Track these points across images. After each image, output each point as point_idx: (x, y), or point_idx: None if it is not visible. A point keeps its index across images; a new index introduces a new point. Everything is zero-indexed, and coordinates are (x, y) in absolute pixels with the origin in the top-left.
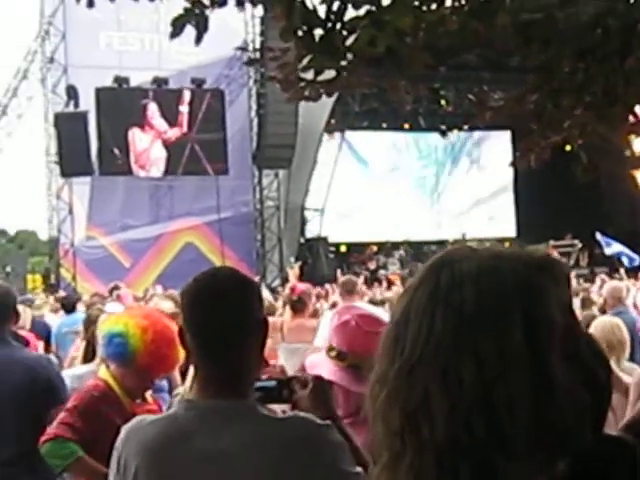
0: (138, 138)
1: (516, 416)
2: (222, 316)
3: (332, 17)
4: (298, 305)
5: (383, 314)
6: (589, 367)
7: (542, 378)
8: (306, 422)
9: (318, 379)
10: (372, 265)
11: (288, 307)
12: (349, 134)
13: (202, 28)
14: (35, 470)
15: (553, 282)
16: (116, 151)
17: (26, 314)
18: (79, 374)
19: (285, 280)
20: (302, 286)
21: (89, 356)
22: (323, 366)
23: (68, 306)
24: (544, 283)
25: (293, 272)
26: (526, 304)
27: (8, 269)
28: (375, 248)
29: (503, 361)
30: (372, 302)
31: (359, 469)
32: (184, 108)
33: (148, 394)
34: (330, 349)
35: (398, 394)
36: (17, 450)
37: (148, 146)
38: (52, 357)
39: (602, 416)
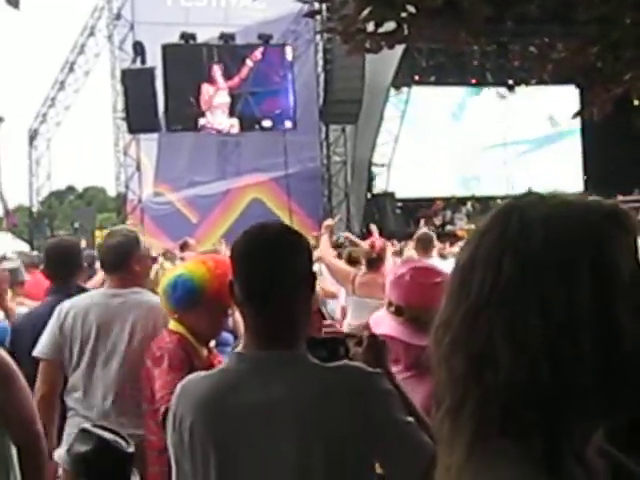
0: (205, 90)
1: (581, 363)
2: (268, 267)
3: None
4: (375, 261)
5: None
6: None
7: (608, 326)
8: (356, 370)
9: (372, 337)
10: (438, 221)
11: (364, 262)
12: (416, 89)
13: None
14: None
15: (622, 231)
16: (192, 99)
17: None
18: None
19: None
20: (381, 242)
21: None
22: (384, 322)
23: None
24: (613, 231)
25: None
26: (594, 251)
27: (76, 225)
28: (441, 203)
29: (569, 308)
30: (442, 256)
31: (411, 418)
32: (250, 62)
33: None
34: (389, 305)
35: (462, 339)
36: None
37: (213, 94)
38: None
39: None
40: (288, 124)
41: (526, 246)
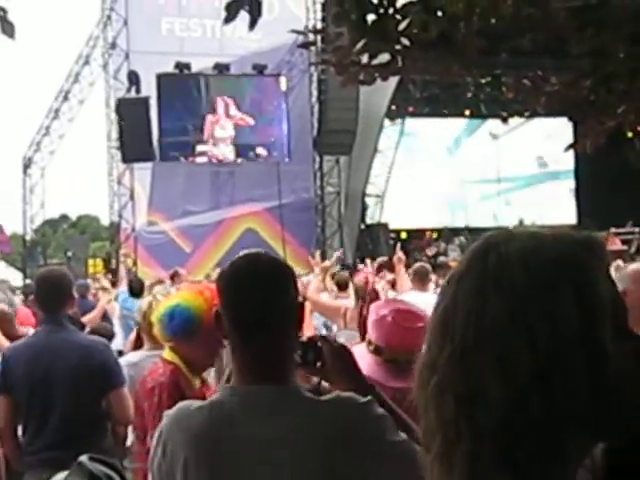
0: (209, 121)
1: (571, 390)
2: (260, 299)
3: (384, 2)
4: (368, 296)
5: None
6: (635, 340)
7: (595, 350)
8: (349, 401)
9: (333, 348)
10: (430, 252)
11: (352, 294)
12: (410, 120)
13: (255, 13)
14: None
15: (597, 259)
16: (189, 127)
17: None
18: (135, 361)
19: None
20: (373, 278)
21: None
22: (362, 360)
23: (136, 290)
24: (588, 258)
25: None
26: (575, 279)
27: (69, 254)
28: (435, 234)
29: (557, 336)
30: (438, 287)
31: (404, 435)
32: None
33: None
34: (369, 343)
35: (450, 381)
36: (71, 434)
37: (216, 123)
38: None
39: None
40: (282, 154)
41: (508, 282)
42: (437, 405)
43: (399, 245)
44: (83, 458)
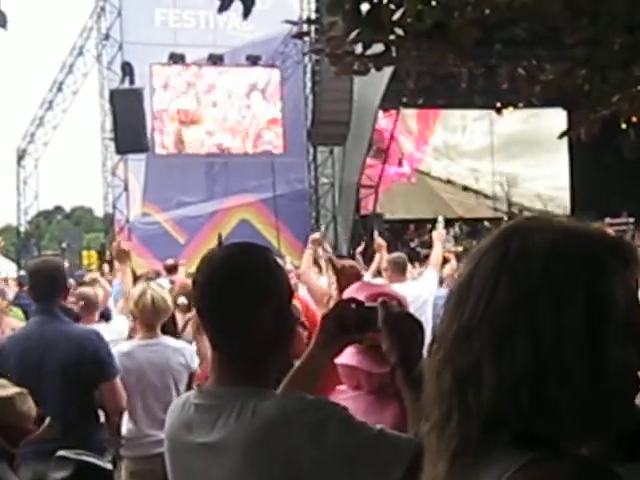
0: None
1: (562, 391)
2: (217, 298)
3: None
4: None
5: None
6: None
7: (596, 360)
8: (292, 401)
9: (392, 315)
10: (413, 243)
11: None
12: (404, 111)
13: (249, 2)
14: (82, 446)
15: (623, 265)
16: None
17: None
18: (126, 351)
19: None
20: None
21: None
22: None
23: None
24: (613, 265)
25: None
26: (591, 285)
27: (64, 245)
28: (429, 225)
29: (559, 337)
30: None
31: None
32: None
33: None
34: None
35: (453, 356)
36: (65, 425)
37: None
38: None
39: None
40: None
41: (524, 272)
42: (437, 378)
43: (377, 233)
44: (63, 452)
